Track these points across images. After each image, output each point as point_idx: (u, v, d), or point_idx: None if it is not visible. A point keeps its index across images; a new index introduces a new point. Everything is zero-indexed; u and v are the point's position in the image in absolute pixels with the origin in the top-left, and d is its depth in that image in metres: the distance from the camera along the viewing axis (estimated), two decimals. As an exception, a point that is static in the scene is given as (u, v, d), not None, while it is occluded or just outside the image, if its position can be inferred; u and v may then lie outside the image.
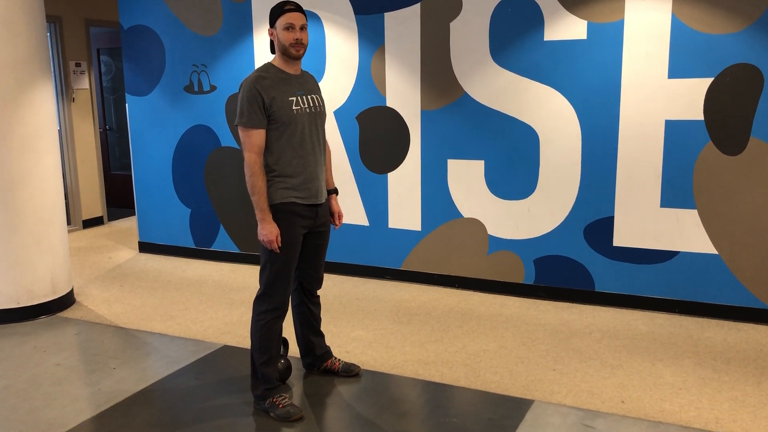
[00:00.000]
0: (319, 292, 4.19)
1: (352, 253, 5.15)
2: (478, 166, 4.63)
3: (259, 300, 3.01)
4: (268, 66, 2.95)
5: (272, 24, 2.93)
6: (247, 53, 5.27)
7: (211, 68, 5.43)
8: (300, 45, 2.90)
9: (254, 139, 2.86)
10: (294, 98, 2.92)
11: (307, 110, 2.96)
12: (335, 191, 3.24)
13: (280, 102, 2.87)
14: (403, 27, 4.70)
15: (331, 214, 3.23)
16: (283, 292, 2.98)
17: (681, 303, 4.21)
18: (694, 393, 3.17)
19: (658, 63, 4.04)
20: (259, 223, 2.89)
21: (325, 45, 4.97)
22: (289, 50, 2.91)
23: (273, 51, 2.99)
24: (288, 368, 3.28)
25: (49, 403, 3.16)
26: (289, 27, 2.88)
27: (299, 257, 3.12)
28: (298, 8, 2.91)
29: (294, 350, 3.60)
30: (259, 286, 3.02)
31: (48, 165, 4.36)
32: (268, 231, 2.88)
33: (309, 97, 2.99)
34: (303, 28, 2.91)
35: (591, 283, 4.44)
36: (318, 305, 3.32)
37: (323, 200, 3.08)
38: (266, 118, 2.87)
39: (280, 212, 2.92)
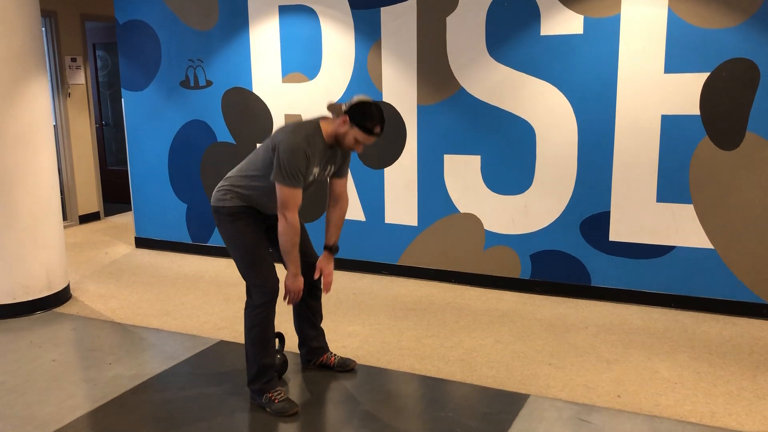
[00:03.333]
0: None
1: (349, 248, 5.15)
2: (474, 161, 4.62)
3: (249, 294, 3.04)
4: (318, 130, 2.90)
5: (354, 119, 2.84)
6: (243, 48, 5.25)
7: (207, 63, 5.42)
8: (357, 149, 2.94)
9: (298, 199, 2.86)
10: (319, 169, 2.95)
11: (321, 178, 3.01)
12: (333, 249, 3.16)
13: (311, 170, 2.90)
14: (399, 22, 4.69)
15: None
16: (265, 274, 2.97)
17: (677, 297, 4.22)
18: (690, 387, 3.18)
19: (654, 58, 4.03)
20: (292, 277, 2.95)
21: (321, 40, 4.96)
22: (346, 147, 2.94)
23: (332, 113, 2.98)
24: (284, 363, 3.29)
25: (45, 399, 3.16)
26: (364, 141, 2.89)
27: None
28: (382, 131, 2.92)
29: (290, 345, 3.61)
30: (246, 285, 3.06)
31: (44, 160, 4.35)
32: (299, 282, 2.97)
33: (330, 166, 3.03)
34: None
35: (587, 277, 4.44)
36: (317, 297, 3.32)
37: None
38: None
39: (236, 214, 2.97)
